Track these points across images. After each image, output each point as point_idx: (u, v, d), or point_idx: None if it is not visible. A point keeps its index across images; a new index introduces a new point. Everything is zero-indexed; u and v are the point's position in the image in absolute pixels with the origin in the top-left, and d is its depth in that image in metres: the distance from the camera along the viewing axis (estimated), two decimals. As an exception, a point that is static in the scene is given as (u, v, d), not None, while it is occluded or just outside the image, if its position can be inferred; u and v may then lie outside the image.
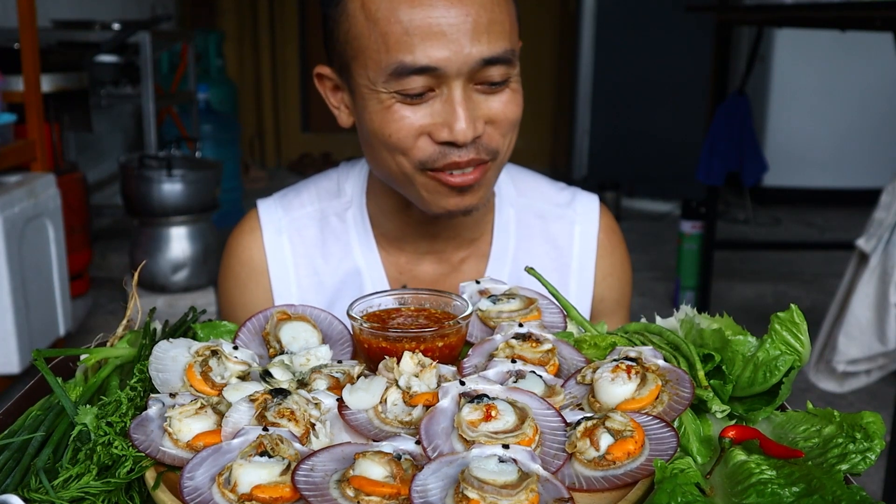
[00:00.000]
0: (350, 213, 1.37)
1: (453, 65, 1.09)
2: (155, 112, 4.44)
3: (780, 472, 0.77)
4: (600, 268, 1.42)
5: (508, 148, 1.21)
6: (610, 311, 1.45)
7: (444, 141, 1.12)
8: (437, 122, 1.13)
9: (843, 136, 6.59)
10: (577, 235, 1.41)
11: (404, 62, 1.09)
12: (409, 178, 1.18)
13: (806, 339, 0.92)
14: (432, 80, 1.11)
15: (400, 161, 1.17)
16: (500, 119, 1.15)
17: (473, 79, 1.12)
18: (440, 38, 1.08)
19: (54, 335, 3.32)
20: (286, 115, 8.02)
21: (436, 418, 0.83)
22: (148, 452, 0.81)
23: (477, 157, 1.15)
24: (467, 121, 1.11)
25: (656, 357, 0.94)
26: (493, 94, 1.14)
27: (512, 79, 1.16)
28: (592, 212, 1.42)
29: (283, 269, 1.37)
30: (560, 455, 0.81)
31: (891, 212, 2.72)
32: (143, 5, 6.01)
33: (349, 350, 1.07)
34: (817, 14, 3.46)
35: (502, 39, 1.12)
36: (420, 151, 1.14)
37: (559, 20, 7.61)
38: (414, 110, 1.13)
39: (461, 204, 1.19)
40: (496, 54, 1.11)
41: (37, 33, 3.36)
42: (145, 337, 1.04)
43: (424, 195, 1.19)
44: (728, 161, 4.23)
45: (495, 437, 0.79)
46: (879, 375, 2.89)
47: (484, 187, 1.20)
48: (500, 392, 0.86)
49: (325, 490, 0.74)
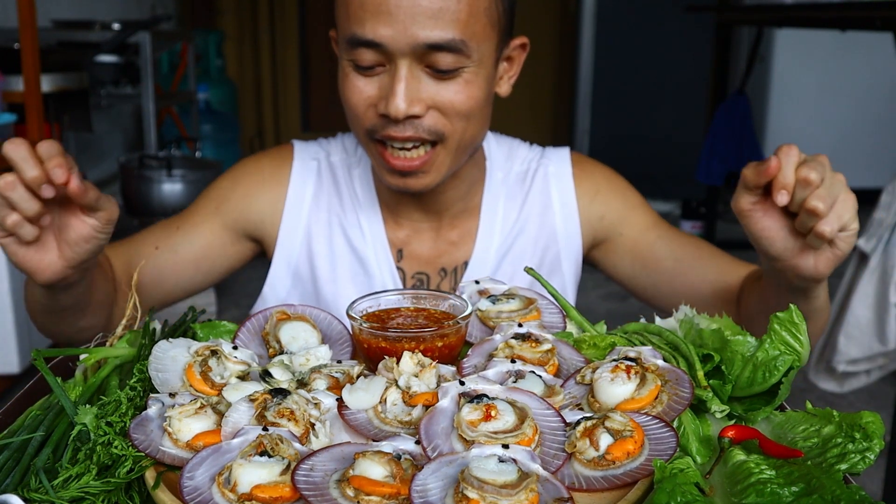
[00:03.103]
0: (357, 172, 1.44)
1: (397, 43, 1.15)
2: (155, 112, 4.43)
3: (779, 471, 0.77)
4: (594, 212, 1.44)
5: (465, 135, 1.25)
6: (655, 237, 1.43)
7: (382, 113, 1.19)
8: (380, 95, 1.20)
9: (843, 136, 6.58)
10: (552, 182, 1.44)
11: (356, 34, 1.17)
12: (365, 144, 1.28)
13: (805, 339, 0.92)
14: (381, 56, 1.18)
15: (357, 126, 1.26)
16: (445, 107, 1.21)
17: (422, 61, 1.18)
18: (387, 16, 1.14)
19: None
20: (286, 115, 8.01)
21: (435, 418, 0.83)
22: (148, 452, 0.81)
23: (416, 135, 1.21)
24: (403, 98, 1.17)
25: (656, 357, 0.94)
26: (442, 80, 1.19)
27: (467, 69, 1.20)
28: (564, 159, 1.46)
29: (303, 189, 1.43)
30: (560, 455, 0.81)
31: (891, 212, 2.72)
32: (143, 5, 6.01)
33: (349, 350, 1.07)
34: (817, 14, 3.46)
35: (451, 27, 1.16)
36: (367, 121, 1.23)
37: (559, 20, 7.60)
38: (366, 82, 1.21)
39: (406, 185, 1.27)
40: (441, 40, 1.15)
41: (37, 33, 3.35)
42: (145, 337, 1.04)
43: (376, 166, 1.29)
44: (728, 161, 4.23)
45: (495, 437, 0.79)
46: (879, 375, 2.89)
47: (434, 172, 1.26)
48: (500, 392, 0.86)
49: (324, 490, 0.74)
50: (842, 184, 0.99)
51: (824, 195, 0.96)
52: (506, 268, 1.41)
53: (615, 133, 6.98)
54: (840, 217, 0.97)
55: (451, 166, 1.28)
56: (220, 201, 1.41)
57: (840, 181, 0.99)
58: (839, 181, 0.99)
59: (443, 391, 0.85)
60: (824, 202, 0.96)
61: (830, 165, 1.00)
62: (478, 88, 1.22)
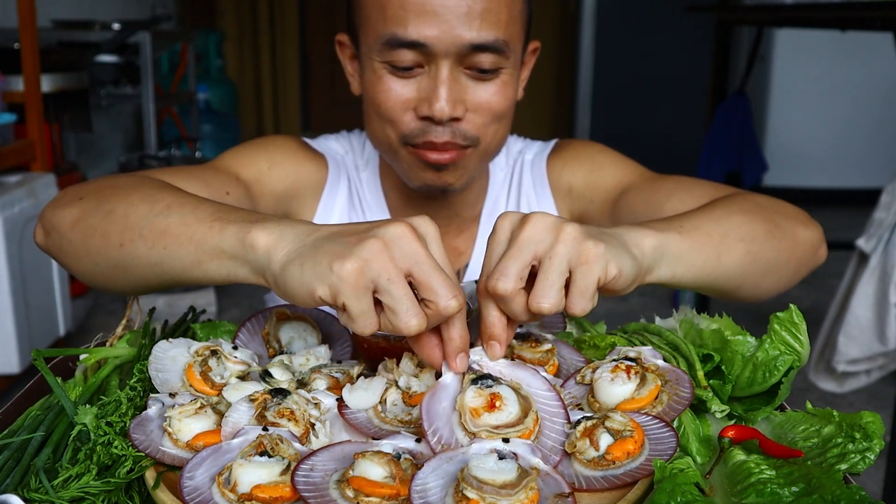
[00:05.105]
0: (365, 175, 1.41)
1: (442, 44, 1.13)
2: (155, 112, 4.43)
3: (779, 471, 0.77)
4: (563, 187, 1.40)
5: (494, 138, 1.24)
6: (623, 191, 1.32)
7: (424, 116, 1.17)
8: (421, 98, 1.17)
9: (844, 136, 6.58)
10: (526, 169, 1.43)
11: (397, 34, 1.14)
12: (395, 150, 1.24)
13: (805, 340, 0.92)
14: (421, 57, 1.15)
15: (388, 131, 1.22)
16: (483, 107, 1.19)
17: (463, 62, 1.16)
18: (432, 16, 1.12)
19: (54, 335, 3.32)
20: (286, 115, 8.01)
21: (437, 395, 0.82)
22: (148, 452, 0.81)
23: (452, 140, 1.19)
24: (447, 100, 1.15)
25: (656, 357, 0.94)
26: (481, 81, 1.19)
27: (504, 70, 1.19)
28: (545, 147, 1.45)
29: (332, 200, 1.38)
30: (559, 442, 0.81)
31: (891, 212, 2.72)
32: (143, 5, 6.01)
33: (349, 350, 1.07)
34: (817, 14, 3.46)
35: (495, 28, 1.15)
36: (404, 125, 1.20)
37: (559, 20, 7.60)
38: (402, 84, 1.18)
39: (437, 180, 1.25)
40: (485, 41, 1.15)
41: (37, 33, 3.35)
42: (145, 337, 1.04)
43: (406, 168, 1.25)
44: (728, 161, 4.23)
45: (496, 432, 0.79)
46: (879, 375, 2.89)
47: (462, 169, 1.24)
48: (504, 366, 0.85)
49: (324, 490, 0.74)
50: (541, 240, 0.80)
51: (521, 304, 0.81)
52: None
53: (615, 133, 6.98)
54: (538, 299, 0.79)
55: (475, 170, 1.27)
56: (246, 163, 1.32)
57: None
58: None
59: (447, 366, 0.84)
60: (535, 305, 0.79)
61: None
62: (512, 90, 1.22)
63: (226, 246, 0.86)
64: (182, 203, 0.93)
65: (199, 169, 1.24)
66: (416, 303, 0.76)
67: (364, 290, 0.75)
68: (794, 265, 1.14)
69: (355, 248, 0.75)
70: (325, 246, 0.78)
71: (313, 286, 0.77)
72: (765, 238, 1.07)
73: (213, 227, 0.87)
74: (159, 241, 0.91)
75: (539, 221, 0.81)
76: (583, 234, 0.81)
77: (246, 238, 0.84)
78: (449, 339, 0.82)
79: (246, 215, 0.89)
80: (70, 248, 1.01)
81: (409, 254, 0.76)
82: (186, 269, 0.90)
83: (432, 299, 0.76)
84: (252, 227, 0.84)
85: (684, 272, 0.96)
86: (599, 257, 0.80)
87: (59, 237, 1.02)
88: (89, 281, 1.05)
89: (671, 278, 0.94)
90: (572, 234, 0.80)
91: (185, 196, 0.96)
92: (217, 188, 1.19)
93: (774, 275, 1.12)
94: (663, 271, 0.93)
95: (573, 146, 1.44)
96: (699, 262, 0.97)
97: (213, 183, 1.20)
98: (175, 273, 0.92)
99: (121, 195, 0.99)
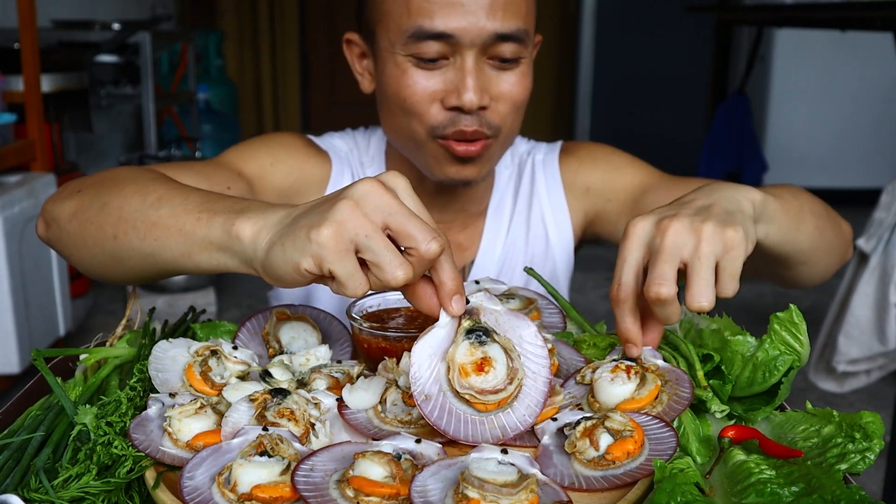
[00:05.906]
0: (370, 172, 1.41)
1: (468, 35, 1.16)
2: (155, 112, 4.43)
3: (779, 471, 0.77)
4: (579, 187, 1.42)
5: (512, 128, 1.26)
6: (642, 193, 1.35)
7: (453, 106, 1.18)
8: (448, 89, 1.19)
9: (843, 136, 6.59)
10: (539, 169, 1.44)
11: (423, 27, 1.17)
12: (421, 144, 1.24)
13: (805, 340, 0.92)
14: (447, 48, 1.18)
15: (414, 126, 1.23)
16: (505, 96, 1.22)
17: (486, 52, 1.19)
18: (458, 8, 1.16)
19: (54, 335, 3.32)
20: (286, 115, 8.01)
21: (428, 340, 0.83)
22: (148, 452, 0.81)
23: (480, 129, 1.21)
24: (475, 89, 1.17)
25: (655, 357, 0.94)
26: (503, 70, 1.21)
27: (523, 60, 1.23)
28: (554, 147, 1.46)
29: (324, 170, 1.38)
30: (537, 402, 0.84)
31: (891, 212, 2.72)
32: (143, 5, 6.01)
33: (349, 350, 1.07)
34: (817, 14, 3.46)
35: (517, 18, 1.19)
36: (432, 117, 1.21)
37: (559, 20, 7.60)
38: (428, 76, 1.20)
39: (461, 173, 1.26)
40: (509, 31, 1.18)
41: (37, 33, 3.35)
42: (145, 337, 1.04)
43: (431, 161, 1.25)
44: (728, 161, 4.24)
45: (481, 397, 0.81)
46: (879, 375, 2.90)
47: (484, 160, 1.26)
48: (502, 314, 0.87)
49: (324, 490, 0.74)
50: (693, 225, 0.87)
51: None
52: (508, 267, 1.41)
53: (615, 132, 6.98)
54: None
55: (496, 161, 1.30)
56: (247, 159, 1.33)
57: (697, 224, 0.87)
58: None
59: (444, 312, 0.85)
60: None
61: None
62: (530, 79, 1.25)
63: (214, 238, 0.87)
64: (172, 195, 0.94)
65: (202, 164, 1.26)
66: (398, 254, 0.77)
67: (345, 251, 0.76)
68: (840, 252, 1.20)
69: (328, 213, 0.77)
70: (301, 221, 0.79)
71: (297, 260, 0.77)
72: (826, 218, 1.15)
73: (201, 219, 0.88)
74: (150, 232, 0.93)
75: (678, 226, 0.86)
76: (719, 226, 0.86)
77: (231, 230, 0.85)
78: (440, 283, 0.83)
79: (232, 204, 0.89)
80: (69, 240, 1.04)
81: (381, 206, 0.77)
82: (178, 259, 0.91)
83: (412, 245, 0.78)
84: (237, 218, 0.85)
85: (775, 233, 1.00)
86: (741, 242, 0.86)
87: (59, 229, 1.05)
88: (88, 271, 1.07)
89: (764, 237, 0.98)
90: (711, 230, 0.85)
91: (176, 187, 0.97)
92: (219, 183, 1.21)
93: (830, 256, 1.17)
94: (760, 228, 0.97)
95: (586, 147, 1.47)
96: (785, 226, 1.02)
97: (215, 178, 1.22)
98: (168, 263, 0.93)
99: (117, 188, 1.00)
